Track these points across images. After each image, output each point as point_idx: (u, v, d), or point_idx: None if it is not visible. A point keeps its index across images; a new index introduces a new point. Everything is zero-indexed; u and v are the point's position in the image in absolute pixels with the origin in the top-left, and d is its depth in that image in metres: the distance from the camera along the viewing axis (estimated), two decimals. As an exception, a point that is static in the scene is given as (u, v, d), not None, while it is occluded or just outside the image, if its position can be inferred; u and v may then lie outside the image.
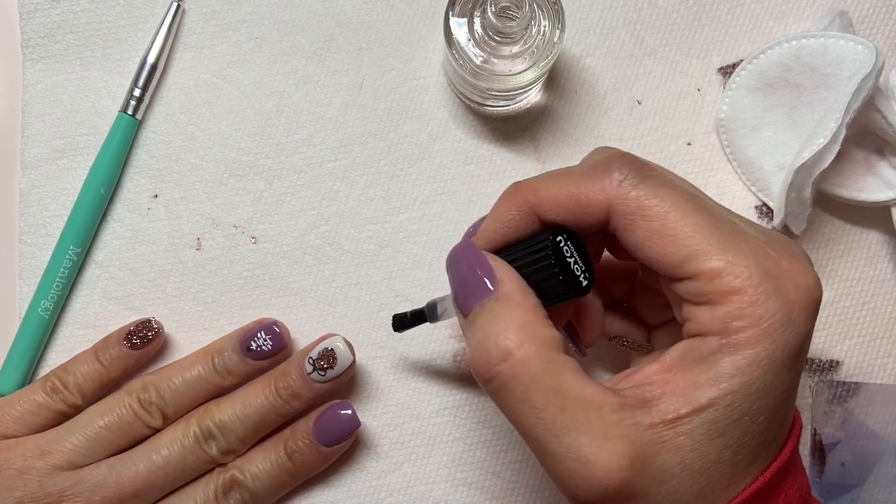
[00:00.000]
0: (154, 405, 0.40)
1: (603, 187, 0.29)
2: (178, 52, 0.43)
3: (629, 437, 0.27)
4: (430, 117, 0.44)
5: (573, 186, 0.30)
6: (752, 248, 0.28)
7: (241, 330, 0.42)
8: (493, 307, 0.30)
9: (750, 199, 0.44)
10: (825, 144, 0.38)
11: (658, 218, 0.28)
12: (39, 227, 0.43)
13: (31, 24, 0.43)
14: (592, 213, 0.30)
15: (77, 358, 0.42)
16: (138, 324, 0.42)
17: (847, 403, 0.43)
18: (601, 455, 0.27)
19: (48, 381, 0.41)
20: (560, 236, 0.31)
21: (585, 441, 0.28)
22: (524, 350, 0.29)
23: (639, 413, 0.28)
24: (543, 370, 0.28)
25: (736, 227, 0.29)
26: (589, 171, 0.30)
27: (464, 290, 0.31)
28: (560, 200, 0.30)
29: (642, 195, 0.29)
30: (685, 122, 0.44)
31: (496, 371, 0.29)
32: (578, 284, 0.31)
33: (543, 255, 0.30)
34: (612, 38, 0.44)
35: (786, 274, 0.28)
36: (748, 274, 0.27)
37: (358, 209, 0.43)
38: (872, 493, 0.42)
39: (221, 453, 0.40)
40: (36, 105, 0.43)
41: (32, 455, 0.39)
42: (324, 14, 0.43)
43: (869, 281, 0.44)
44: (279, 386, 0.40)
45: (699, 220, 0.28)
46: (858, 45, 0.39)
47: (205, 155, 0.43)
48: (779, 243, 0.29)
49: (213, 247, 0.43)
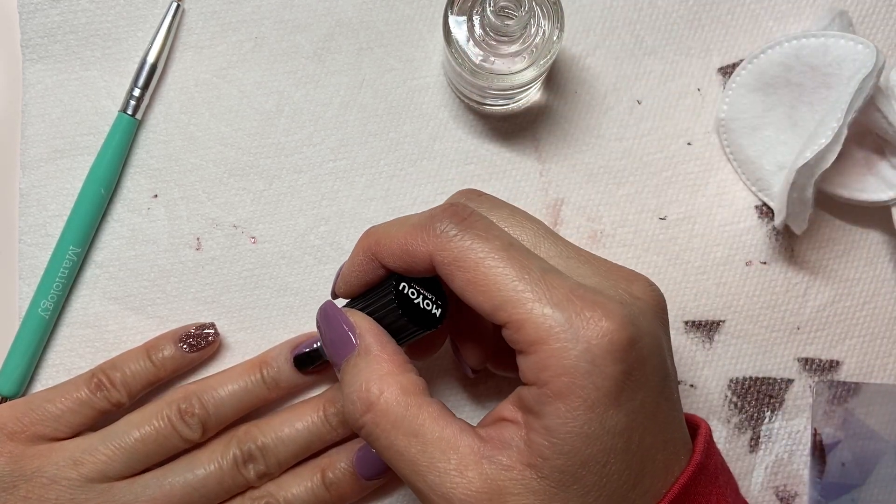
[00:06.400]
0: (196, 417, 0.39)
1: (425, 239, 0.31)
2: (178, 52, 0.43)
3: (486, 475, 0.29)
4: (430, 117, 0.44)
5: (403, 237, 0.32)
6: (556, 297, 0.29)
7: (293, 340, 0.42)
8: (356, 362, 0.32)
9: (750, 199, 0.44)
10: (827, 144, 0.38)
11: (471, 268, 0.30)
12: (39, 227, 0.43)
13: (31, 24, 0.43)
14: (419, 262, 0.31)
15: (126, 355, 0.41)
16: (197, 326, 0.41)
17: (847, 403, 0.43)
18: (457, 490, 0.29)
19: (94, 377, 0.40)
20: (403, 281, 0.32)
21: (444, 477, 0.29)
22: (384, 399, 0.31)
23: (497, 454, 0.29)
24: (402, 416, 0.30)
25: (547, 275, 0.29)
26: (418, 223, 0.31)
27: (332, 348, 0.33)
28: (393, 250, 0.32)
29: (457, 247, 0.30)
30: (685, 122, 0.44)
31: (363, 421, 0.31)
32: (430, 320, 0.33)
33: (388, 301, 0.32)
34: (612, 38, 0.44)
35: (586, 321, 0.28)
36: (549, 324, 0.28)
37: (358, 209, 0.43)
38: (872, 493, 0.42)
39: (258, 476, 0.39)
40: (36, 105, 0.43)
41: (66, 464, 0.38)
42: (324, 14, 0.43)
43: (869, 281, 0.44)
44: (329, 412, 0.40)
45: (509, 270, 0.29)
46: (859, 44, 0.39)
47: (205, 155, 0.43)
48: (594, 287, 0.30)
49: (213, 247, 0.43)
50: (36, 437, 0.39)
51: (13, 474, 0.38)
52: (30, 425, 0.39)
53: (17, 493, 0.38)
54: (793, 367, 0.44)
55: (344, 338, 0.33)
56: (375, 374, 0.31)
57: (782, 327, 0.44)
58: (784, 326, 0.44)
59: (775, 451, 0.43)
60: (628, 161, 0.44)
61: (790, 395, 0.44)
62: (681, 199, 0.44)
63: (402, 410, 0.30)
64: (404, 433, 0.30)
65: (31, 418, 0.39)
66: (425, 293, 0.33)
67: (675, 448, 0.31)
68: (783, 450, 0.43)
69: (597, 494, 0.29)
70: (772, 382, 0.44)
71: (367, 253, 0.33)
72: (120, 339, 0.43)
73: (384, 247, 0.32)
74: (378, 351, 0.32)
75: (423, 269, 0.31)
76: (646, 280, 0.32)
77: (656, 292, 0.32)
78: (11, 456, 0.38)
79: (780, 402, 0.44)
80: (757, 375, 0.44)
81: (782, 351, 0.44)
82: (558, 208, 0.44)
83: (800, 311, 0.44)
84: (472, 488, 0.29)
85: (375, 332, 0.33)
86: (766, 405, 0.44)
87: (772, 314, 0.44)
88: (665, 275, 0.44)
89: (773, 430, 0.43)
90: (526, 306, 0.29)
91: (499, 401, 0.33)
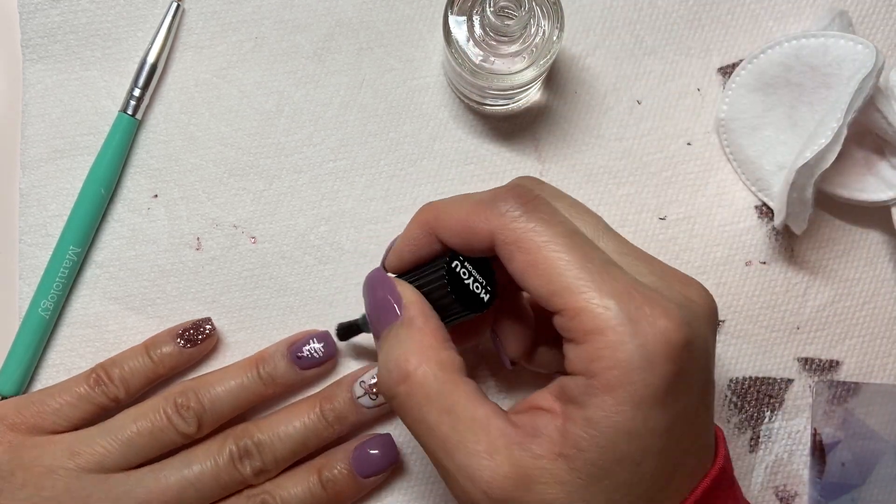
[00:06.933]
0: (191, 410, 0.39)
1: (488, 217, 0.31)
2: (178, 52, 0.43)
3: (515, 460, 0.29)
4: (430, 117, 0.44)
5: (465, 214, 0.31)
6: (616, 290, 0.28)
7: (290, 338, 0.42)
8: (397, 332, 0.32)
9: (750, 199, 0.44)
10: (827, 144, 0.38)
11: (532, 251, 0.29)
12: (39, 227, 0.43)
13: (31, 24, 0.43)
14: (480, 240, 0.31)
15: (126, 352, 0.41)
16: (193, 322, 0.42)
17: (847, 403, 0.43)
18: (485, 471, 0.29)
19: (93, 373, 0.40)
20: (456, 260, 0.32)
21: (473, 458, 0.29)
22: (421, 371, 0.30)
23: (528, 441, 0.29)
24: (438, 391, 0.30)
25: (608, 267, 0.29)
26: (481, 200, 0.31)
27: (375, 315, 0.33)
28: (453, 226, 0.32)
29: (520, 228, 0.30)
30: (685, 122, 0.44)
31: (396, 391, 0.31)
32: (477, 303, 0.33)
33: (439, 277, 0.32)
34: (612, 38, 0.44)
35: (646, 317, 0.28)
36: (608, 315, 0.28)
37: (358, 209, 0.43)
38: (872, 493, 0.42)
39: (255, 473, 0.39)
40: (36, 105, 0.43)
41: (63, 455, 0.38)
42: (324, 14, 0.43)
43: (869, 281, 0.44)
44: (325, 408, 0.40)
45: (571, 257, 0.29)
46: (858, 44, 0.39)
47: (205, 155, 0.43)
48: (651, 286, 0.30)
49: (213, 247, 0.43)
50: (35, 429, 0.39)
51: (11, 463, 0.38)
52: (30, 417, 0.39)
53: (15, 480, 0.38)
54: (793, 366, 0.44)
55: (388, 306, 0.32)
56: (416, 346, 0.31)
57: (782, 327, 0.44)
58: (784, 326, 0.44)
59: (775, 450, 0.44)
60: (628, 161, 0.44)
61: (790, 395, 0.44)
62: (681, 199, 0.44)
63: (438, 385, 0.30)
64: (437, 409, 0.30)
65: (31, 411, 0.40)
66: (476, 275, 0.33)
67: (705, 453, 0.31)
68: (783, 450, 0.43)
69: (625, 492, 0.29)
70: (772, 382, 0.44)
71: (425, 227, 0.33)
72: (120, 339, 0.43)
73: (444, 222, 0.32)
74: (422, 324, 0.32)
75: (482, 247, 0.31)
76: (700, 285, 0.32)
77: (710, 299, 0.32)
78: (11, 445, 0.39)
79: (779, 402, 0.44)
80: (757, 375, 0.44)
81: (782, 351, 0.44)
82: (558, 208, 0.44)
83: (800, 311, 0.44)
84: (499, 472, 0.29)
85: (421, 304, 0.32)
86: (765, 405, 0.44)
87: (772, 314, 0.44)
88: (665, 275, 0.44)
89: (772, 430, 0.44)
90: (585, 295, 0.28)
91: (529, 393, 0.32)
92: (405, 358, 0.31)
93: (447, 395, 0.30)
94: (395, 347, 0.31)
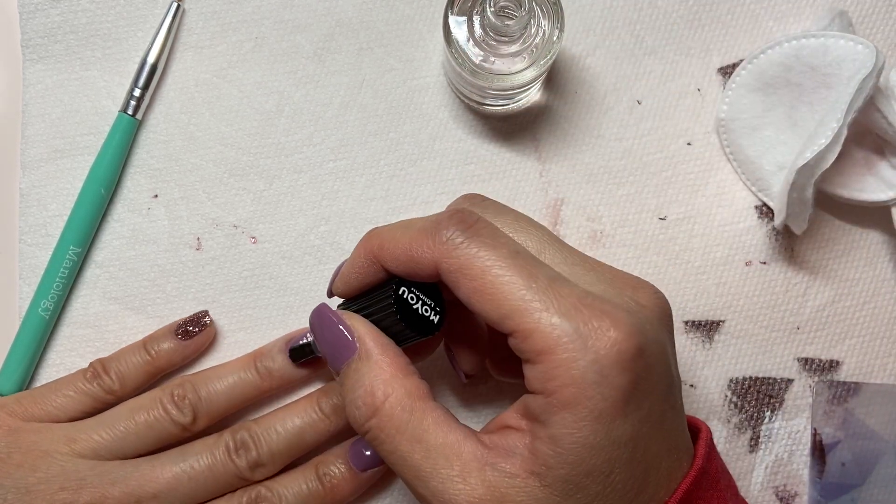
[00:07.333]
0: (187, 400, 0.40)
1: (430, 246, 0.31)
2: (178, 52, 0.43)
3: (489, 482, 0.29)
4: (430, 117, 0.44)
5: (407, 243, 0.31)
6: (564, 306, 0.28)
7: (288, 335, 0.42)
8: (357, 366, 0.32)
9: (750, 199, 0.44)
10: (827, 144, 0.38)
11: (477, 277, 0.29)
12: (39, 227, 0.43)
13: (31, 24, 0.43)
14: (424, 269, 0.31)
15: (125, 348, 0.42)
16: (190, 316, 0.42)
17: (847, 403, 0.43)
18: (460, 495, 0.29)
19: (91, 367, 0.41)
20: (403, 286, 0.32)
21: (447, 483, 0.29)
22: (388, 404, 0.31)
23: (500, 462, 0.29)
24: (406, 421, 0.30)
25: (554, 283, 0.29)
26: (423, 228, 0.31)
27: (330, 353, 0.33)
28: (398, 256, 0.32)
29: (463, 255, 0.30)
30: (685, 122, 0.44)
31: (367, 426, 0.31)
32: (427, 326, 0.33)
33: (387, 305, 0.32)
34: (612, 38, 0.44)
35: (595, 331, 0.28)
36: (557, 333, 0.28)
37: (358, 209, 0.44)
38: (872, 493, 0.42)
39: (251, 466, 0.39)
40: (36, 105, 0.43)
41: (60, 440, 0.39)
42: (324, 14, 0.44)
43: (869, 281, 0.44)
44: (322, 401, 0.40)
45: (516, 278, 0.29)
46: (858, 44, 0.39)
47: (205, 155, 0.43)
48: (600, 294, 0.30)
49: (213, 247, 0.43)
50: (34, 419, 0.40)
51: (9, 445, 0.39)
52: (29, 406, 0.40)
53: (11, 461, 0.38)
54: (793, 366, 0.44)
55: (342, 341, 0.33)
56: (378, 379, 0.31)
57: (782, 327, 0.44)
58: (784, 326, 0.44)
59: (775, 450, 0.44)
60: (628, 161, 0.44)
61: (790, 395, 0.44)
62: (681, 199, 0.44)
63: (407, 415, 0.30)
64: (408, 439, 0.30)
65: (30, 401, 0.40)
66: (424, 299, 0.33)
67: (679, 454, 0.31)
68: (783, 450, 0.43)
69: (600, 502, 0.29)
70: (772, 382, 0.44)
71: (370, 255, 0.33)
72: (120, 339, 0.43)
73: (388, 251, 0.32)
74: (379, 355, 0.32)
75: (427, 275, 0.31)
76: (651, 287, 0.32)
77: (661, 300, 0.32)
78: (10, 429, 0.39)
79: (779, 402, 0.44)
80: (757, 375, 0.44)
81: (782, 351, 0.44)
82: (558, 208, 0.44)
83: (800, 311, 0.44)
84: (474, 495, 0.29)
85: (374, 335, 0.32)
86: (765, 405, 0.44)
87: (772, 314, 0.44)
88: (665, 275, 0.44)
89: (772, 430, 0.44)
90: (534, 316, 0.28)
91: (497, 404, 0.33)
92: (370, 392, 0.31)
93: (416, 423, 0.30)
94: (358, 383, 0.32)
